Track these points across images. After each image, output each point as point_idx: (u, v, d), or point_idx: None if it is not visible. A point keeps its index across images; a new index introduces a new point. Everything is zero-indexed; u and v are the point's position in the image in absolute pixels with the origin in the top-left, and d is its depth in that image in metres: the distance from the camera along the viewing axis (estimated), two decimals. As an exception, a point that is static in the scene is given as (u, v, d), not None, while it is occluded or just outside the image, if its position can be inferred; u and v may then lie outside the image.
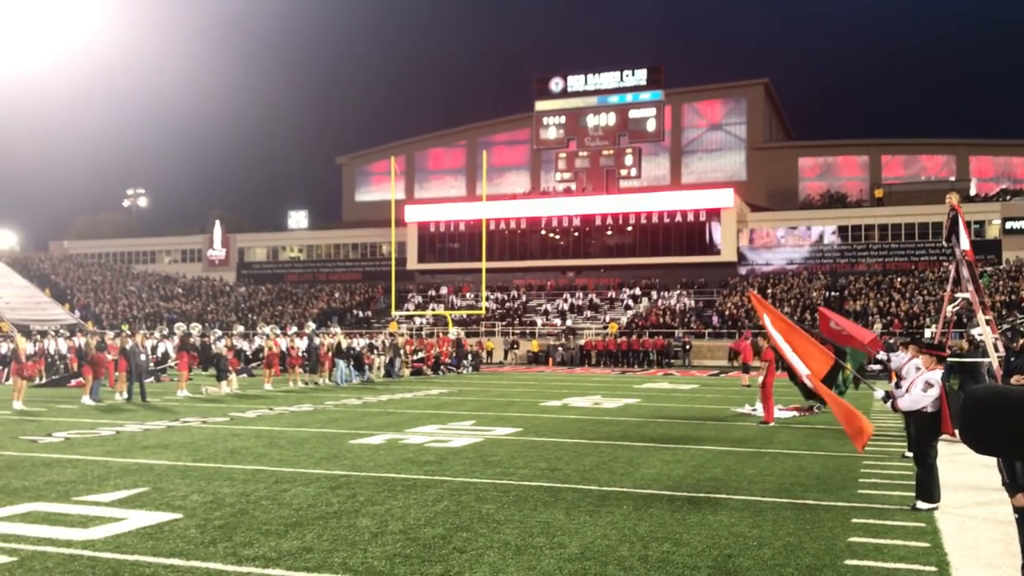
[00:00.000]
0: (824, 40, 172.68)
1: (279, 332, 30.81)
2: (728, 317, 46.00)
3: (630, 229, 55.93)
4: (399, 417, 16.21)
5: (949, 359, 11.99)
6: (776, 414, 15.75)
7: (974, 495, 8.66)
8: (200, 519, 7.28)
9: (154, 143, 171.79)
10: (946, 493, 8.12)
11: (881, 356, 12.87)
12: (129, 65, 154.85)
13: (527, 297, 55.31)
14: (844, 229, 54.64)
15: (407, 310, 53.30)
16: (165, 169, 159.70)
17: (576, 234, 57.17)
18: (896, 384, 9.18)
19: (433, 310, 52.93)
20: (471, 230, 56.66)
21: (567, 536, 6.75)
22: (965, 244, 15.09)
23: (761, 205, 61.82)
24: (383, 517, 7.39)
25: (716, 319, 46.67)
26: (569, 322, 49.19)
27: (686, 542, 6.58)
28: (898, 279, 48.49)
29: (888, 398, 8.34)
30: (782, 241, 55.91)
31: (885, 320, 40.57)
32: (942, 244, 20.29)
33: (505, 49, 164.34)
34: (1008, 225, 51.11)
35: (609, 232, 56.72)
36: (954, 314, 16.79)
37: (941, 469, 8.08)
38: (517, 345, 45.75)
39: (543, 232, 57.78)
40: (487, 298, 51.15)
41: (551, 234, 57.72)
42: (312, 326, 31.44)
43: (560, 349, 44.07)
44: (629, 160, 57.71)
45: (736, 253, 54.15)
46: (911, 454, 9.53)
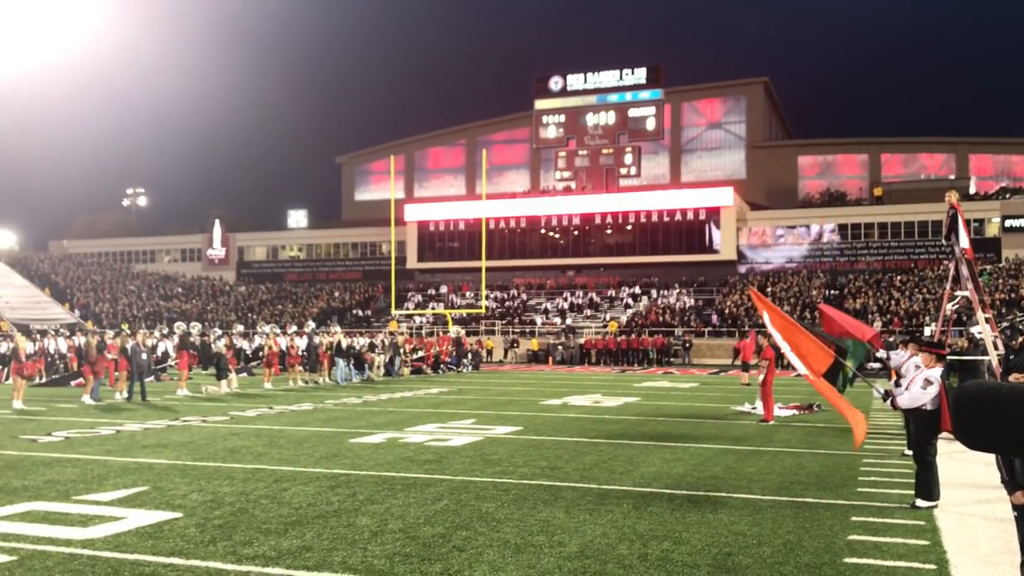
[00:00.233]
0: (823, 38, 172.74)
1: (279, 331, 30.79)
2: (728, 316, 46.00)
3: (630, 228, 55.91)
4: (399, 416, 16.21)
5: (948, 357, 11.99)
6: (776, 412, 15.77)
7: (973, 493, 8.67)
8: (200, 518, 7.28)
9: (153, 142, 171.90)
10: (945, 491, 8.12)
11: (881, 354, 12.88)
12: (128, 64, 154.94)
13: (527, 296, 55.28)
14: (844, 227, 54.59)
15: (407, 309, 53.29)
16: (164, 168, 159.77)
17: (576, 233, 57.13)
18: (896, 382, 9.19)
19: (433, 309, 52.92)
20: (471, 229, 56.64)
21: (567, 534, 6.76)
22: (964, 242, 15.08)
23: (761, 204, 61.79)
24: (383, 516, 7.39)
25: (716, 318, 46.67)
26: (569, 321, 49.17)
27: (686, 540, 6.59)
28: (898, 277, 48.47)
29: (888, 396, 8.35)
30: (781, 240, 55.87)
31: (885, 318, 40.58)
32: (941, 242, 20.28)
33: (504, 48, 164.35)
34: (1008, 223, 51.07)
35: (609, 231, 56.69)
36: (954, 312, 16.79)
37: (940, 467, 8.09)
38: (517, 344, 45.75)
39: (543, 231, 57.75)
40: (487, 297, 51.16)
41: (551, 233, 57.69)
42: (312, 325, 31.41)
43: (560, 348, 44.07)
44: (629, 159, 57.70)
45: (736, 252, 54.13)
46: (910, 452, 9.54)
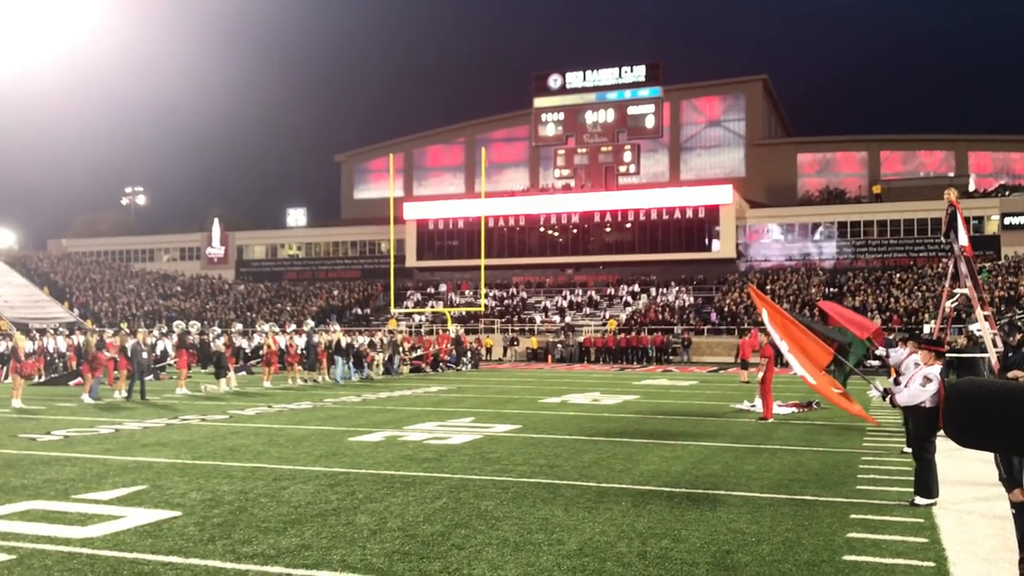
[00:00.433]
0: (823, 36, 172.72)
1: (278, 330, 30.79)
2: (727, 314, 46.02)
3: (629, 226, 55.92)
4: (398, 414, 16.21)
5: (948, 355, 12.00)
6: (775, 410, 15.78)
7: (972, 490, 8.67)
8: (199, 517, 7.28)
9: (152, 141, 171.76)
10: (944, 489, 8.12)
11: (880, 352, 12.89)
12: (127, 63, 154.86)
13: (526, 294, 55.29)
14: (843, 225, 54.59)
15: (406, 307, 53.28)
16: (164, 167, 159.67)
17: (575, 231, 57.13)
18: (895, 380, 9.19)
19: (432, 307, 52.92)
20: (470, 227, 56.61)
21: (566, 532, 6.76)
22: (963, 240, 15.08)
23: (760, 201, 61.80)
24: (382, 514, 7.39)
25: (715, 315, 46.69)
26: (568, 319, 49.19)
27: (684, 538, 6.59)
28: (897, 275, 48.49)
29: (887, 394, 8.36)
30: (781, 237, 55.89)
31: (884, 316, 40.59)
32: (941, 240, 20.29)
33: (503, 46, 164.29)
34: (1007, 221, 51.08)
35: (608, 229, 56.69)
36: (953, 310, 16.79)
37: (940, 465, 8.09)
38: (516, 342, 45.76)
39: (542, 229, 57.75)
40: (486, 295, 51.15)
41: (550, 231, 57.69)
42: (311, 324, 31.42)
43: (559, 346, 44.08)
44: (628, 157, 57.70)
45: (735, 250, 54.13)
46: (910, 450, 9.55)
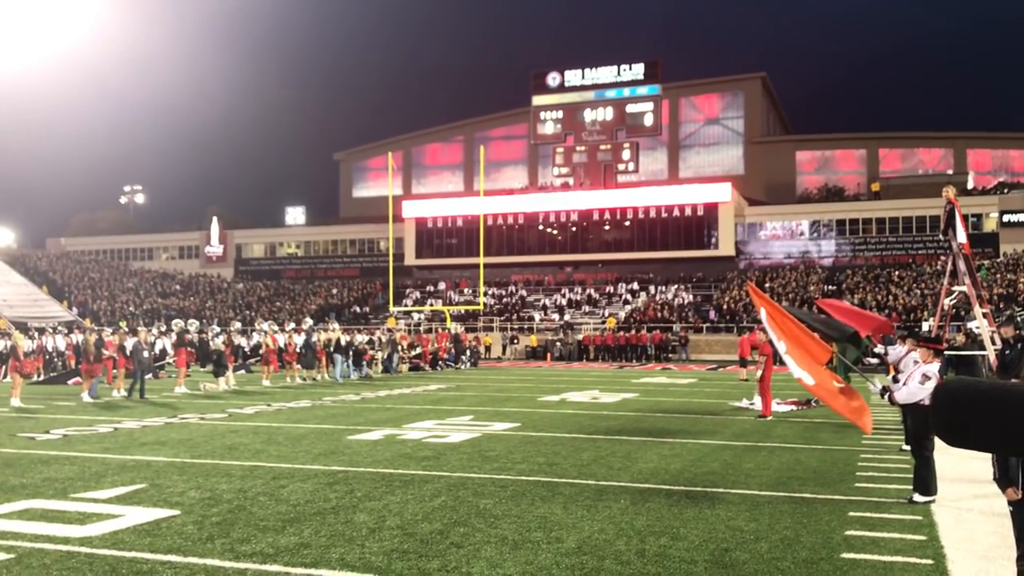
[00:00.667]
0: (821, 34, 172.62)
1: (277, 328, 30.77)
2: (726, 312, 46.02)
3: (628, 224, 55.90)
4: (397, 413, 16.21)
5: (946, 352, 12.01)
6: (774, 408, 15.79)
7: (971, 488, 8.68)
8: (198, 515, 7.28)
9: (151, 140, 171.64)
10: (943, 486, 8.13)
11: (879, 349, 12.89)
12: (126, 62, 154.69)
13: (525, 292, 55.28)
14: (841, 223, 54.59)
15: (405, 306, 53.26)
16: (162, 166, 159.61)
17: (574, 229, 57.11)
18: (894, 377, 9.20)
19: (431, 306, 52.90)
20: (469, 225, 56.58)
21: (564, 531, 6.76)
22: (962, 237, 15.08)
23: (759, 199, 61.80)
24: (381, 513, 7.39)
25: (714, 313, 46.69)
26: (567, 317, 49.19)
27: (683, 536, 6.59)
28: (896, 272, 48.50)
29: (885, 392, 8.36)
30: (780, 235, 55.90)
31: (883, 313, 40.58)
32: (939, 237, 20.28)
33: (502, 44, 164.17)
34: (1006, 218, 51.07)
35: (607, 227, 56.68)
36: (951, 307, 16.81)
37: (938, 462, 8.10)
38: (515, 340, 45.77)
39: (541, 227, 57.72)
40: (485, 293, 51.15)
41: (549, 229, 57.66)
42: (310, 322, 31.39)
43: (558, 344, 44.09)
44: (627, 155, 57.66)
45: (734, 247, 54.14)
46: (908, 447, 9.55)
